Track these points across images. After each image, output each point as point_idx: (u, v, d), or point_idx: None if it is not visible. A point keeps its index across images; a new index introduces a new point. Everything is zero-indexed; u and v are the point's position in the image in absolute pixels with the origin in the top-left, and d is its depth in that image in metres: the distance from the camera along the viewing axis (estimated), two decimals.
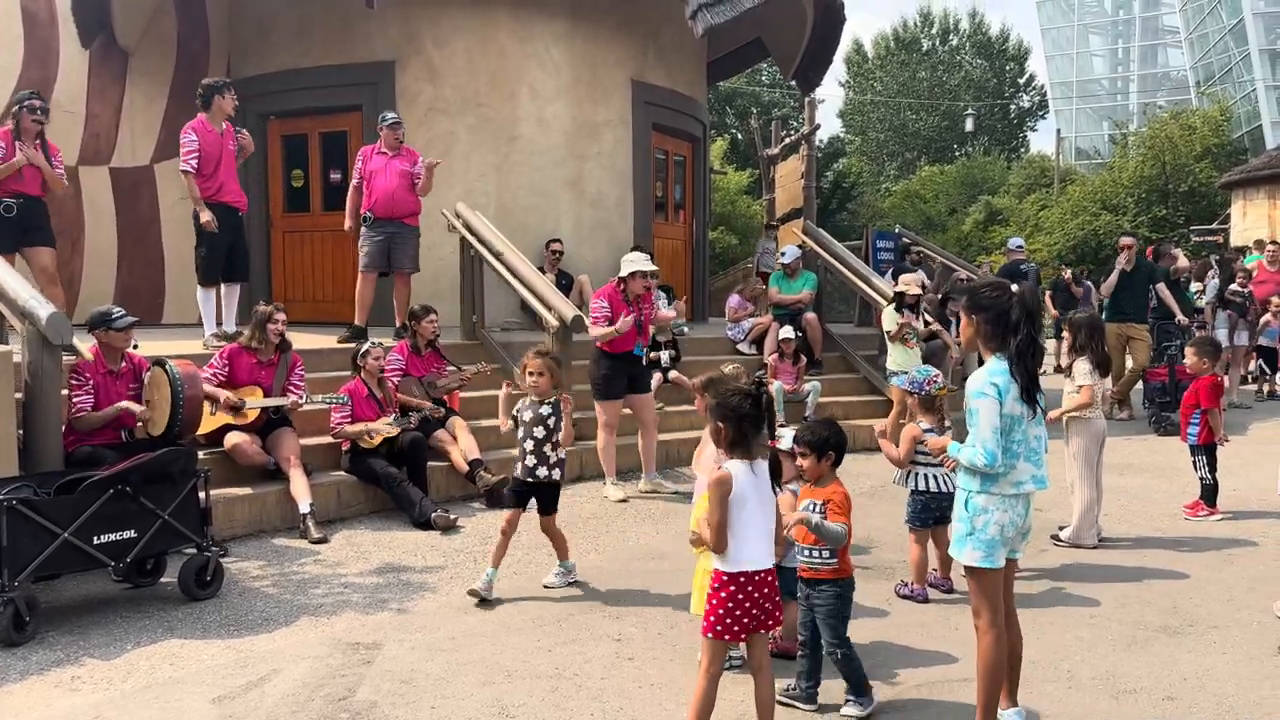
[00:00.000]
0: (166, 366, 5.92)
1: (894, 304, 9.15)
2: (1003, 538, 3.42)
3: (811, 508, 3.80)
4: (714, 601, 3.32)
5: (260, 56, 11.31)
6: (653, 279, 7.49)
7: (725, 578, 3.30)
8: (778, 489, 3.40)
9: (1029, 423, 3.45)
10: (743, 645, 3.47)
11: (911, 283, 9.21)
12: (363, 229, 8.49)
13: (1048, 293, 13.30)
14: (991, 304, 3.47)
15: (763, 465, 3.38)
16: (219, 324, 8.03)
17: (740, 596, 3.28)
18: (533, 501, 5.23)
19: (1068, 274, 13.44)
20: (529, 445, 5.13)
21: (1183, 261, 12.35)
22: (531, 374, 5.16)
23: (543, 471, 5.14)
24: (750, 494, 3.30)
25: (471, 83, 10.83)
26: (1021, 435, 3.44)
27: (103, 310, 5.97)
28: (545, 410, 5.13)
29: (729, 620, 3.28)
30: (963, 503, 3.49)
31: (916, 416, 5.19)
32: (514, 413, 5.26)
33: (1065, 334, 6.40)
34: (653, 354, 8.64)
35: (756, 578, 3.29)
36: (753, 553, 3.29)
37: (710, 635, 3.32)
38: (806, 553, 3.80)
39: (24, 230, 7.25)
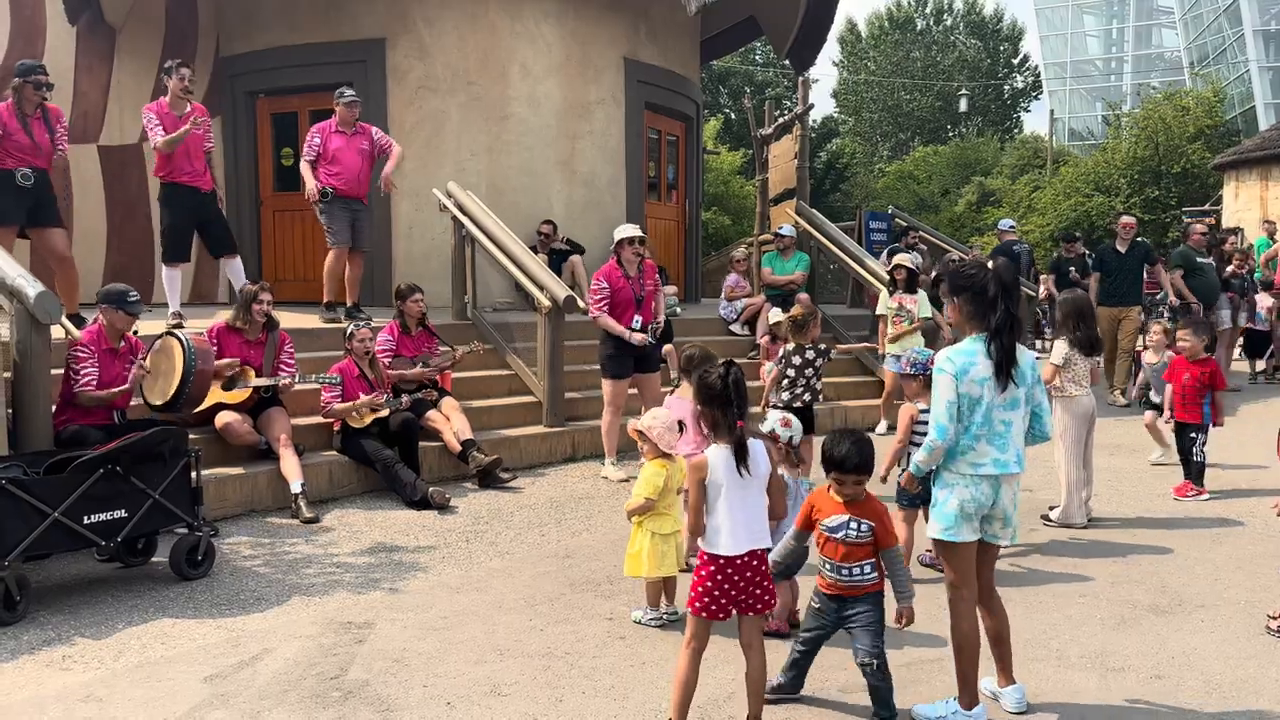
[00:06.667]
0: (181, 337, 5.91)
1: (889, 287, 9.18)
2: (963, 514, 3.45)
3: (856, 528, 3.43)
4: (696, 579, 3.33)
5: (249, 34, 11.20)
6: (640, 245, 7.37)
7: (707, 557, 3.31)
8: (744, 471, 3.25)
9: (996, 406, 3.45)
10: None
11: (905, 260, 9.22)
12: (325, 206, 8.39)
13: (1049, 276, 12.87)
14: (969, 284, 3.49)
15: (755, 446, 3.33)
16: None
17: (720, 578, 3.27)
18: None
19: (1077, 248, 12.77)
20: None
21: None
22: None
23: None
24: (726, 479, 3.26)
25: (462, 61, 10.75)
26: (984, 417, 3.45)
27: (120, 289, 5.86)
28: None
29: (708, 599, 3.29)
30: (934, 477, 3.56)
31: (915, 398, 5.18)
32: None
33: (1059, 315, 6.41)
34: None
35: (738, 561, 3.27)
36: (728, 538, 3.26)
37: (691, 611, 3.33)
38: (846, 571, 3.45)
39: (36, 204, 7.23)
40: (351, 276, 8.66)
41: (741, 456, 3.25)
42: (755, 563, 3.31)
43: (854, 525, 3.43)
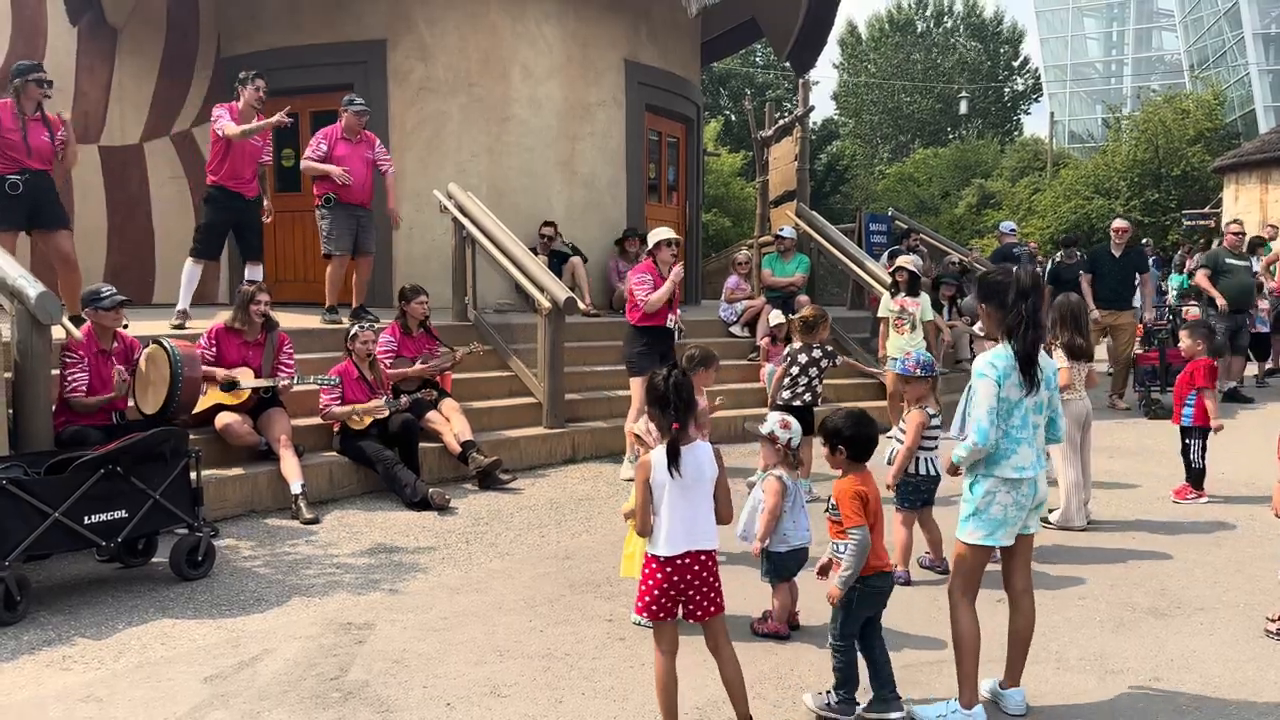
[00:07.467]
0: (166, 346, 5.90)
1: (891, 290, 9.15)
2: (1006, 518, 3.49)
3: (827, 501, 3.62)
4: (641, 579, 3.38)
5: (250, 34, 11.21)
6: (676, 247, 7.46)
7: (649, 557, 3.34)
8: (674, 472, 3.24)
9: (1030, 409, 3.48)
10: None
11: (907, 263, 9.20)
12: (326, 212, 8.37)
13: (1048, 286, 12.66)
14: (992, 290, 3.57)
15: (698, 449, 3.33)
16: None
17: (660, 577, 3.28)
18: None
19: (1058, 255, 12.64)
20: None
21: None
22: None
23: None
24: (666, 479, 3.26)
25: (463, 62, 10.76)
26: (1022, 420, 3.48)
27: (91, 289, 5.96)
28: None
29: (649, 599, 3.31)
30: (968, 485, 3.56)
31: (921, 401, 5.18)
32: None
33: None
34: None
35: (677, 562, 3.27)
36: (665, 538, 3.27)
37: (636, 613, 3.41)
38: (835, 546, 3.61)
39: (35, 208, 7.19)
40: (359, 279, 8.66)
41: (672, 457, 3.25)
42: (697, 566, 3.30)
43: (828, 500, 3.59)
